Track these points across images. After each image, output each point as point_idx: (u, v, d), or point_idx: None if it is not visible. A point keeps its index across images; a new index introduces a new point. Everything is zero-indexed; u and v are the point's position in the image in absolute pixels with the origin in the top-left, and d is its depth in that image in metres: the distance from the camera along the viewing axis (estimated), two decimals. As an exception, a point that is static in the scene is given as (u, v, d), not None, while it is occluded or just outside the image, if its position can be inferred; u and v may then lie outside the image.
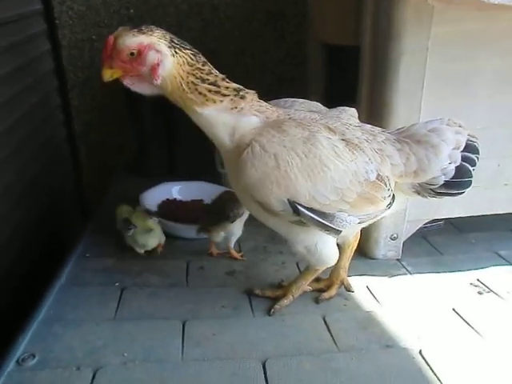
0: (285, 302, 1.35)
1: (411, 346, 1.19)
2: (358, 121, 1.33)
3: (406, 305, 1.40)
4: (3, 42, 1.85)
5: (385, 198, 1.19)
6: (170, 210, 1.85)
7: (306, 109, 1.31)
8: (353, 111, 1.38)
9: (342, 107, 1.38)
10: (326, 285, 1.45)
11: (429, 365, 1.12)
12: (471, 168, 1.23)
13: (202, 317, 1.30)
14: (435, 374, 1.09)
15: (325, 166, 1.10)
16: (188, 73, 1.09)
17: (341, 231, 1.18)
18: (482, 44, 1.50)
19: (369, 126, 1.28)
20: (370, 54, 1.56)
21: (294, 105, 1.33)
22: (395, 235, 1.67)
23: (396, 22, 1.43)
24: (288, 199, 1.10)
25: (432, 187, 1.23)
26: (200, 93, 1.10)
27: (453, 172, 1.21)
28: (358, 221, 1.20)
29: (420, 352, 1.17)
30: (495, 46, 1.51)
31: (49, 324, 1.24)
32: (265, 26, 2.76)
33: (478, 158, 1.25)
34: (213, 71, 1.14)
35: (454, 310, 1.37)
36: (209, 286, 1.46)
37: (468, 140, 1.24)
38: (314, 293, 1.42)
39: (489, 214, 1.74)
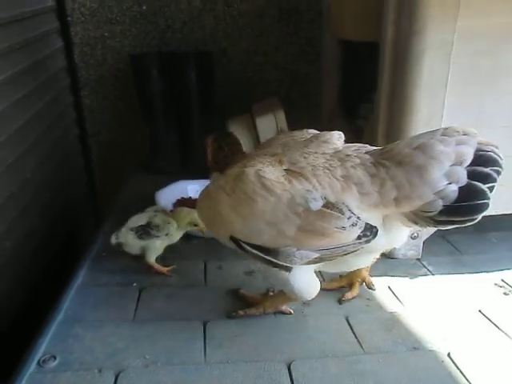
0: (253, 311, 1.28)
1: (439, 349, 1.16)
2: (340, 145, 1.20)
3: (429, 306, 1.37)
4: (16, 39, 1.84)
5: (344, 228, 1.02)
6: (186, 209, 1.83)
7: (291, 140, 1.23)
8: (337, 135, 1.24)
9: (326, 132, 1.25)
10: (347, 283, 1.41)
11: (459, 368, 1.09)
12: (485, 186, 0.99)
13: (223, 317, 1.28)
14: (466, 378, 1.06)
15: (251, 199, 1.05)
16: None
17: (291, 267, 1.09)
18: (508, 39, 1.46)
19: (350, 149, 1.14)
20: (392, 49, 1.53)
21: (278, 139, 1.28)
22: (415, 234, 1.63)
23: (420, 16, 1.40)
24: (230, 236, 1.11)
25: (429, 215, 1.01)
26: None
27: (455, 194, 0.98)
28: (316, 255, 1.07)
29: (449, 355, 1.14)
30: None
31: (68, 325, 1.22)
32: (277, 23, 2.73)
33: (498, 171, 1.02)
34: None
35: (480, 311, 1.34)
36: (228, 286, 1.43)
37: (479, 150, 1.00)
38: (337, 293, 1.39)
39: (512, 213, 1.70)
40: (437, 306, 1.37)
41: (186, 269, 1.54)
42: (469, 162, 0.99)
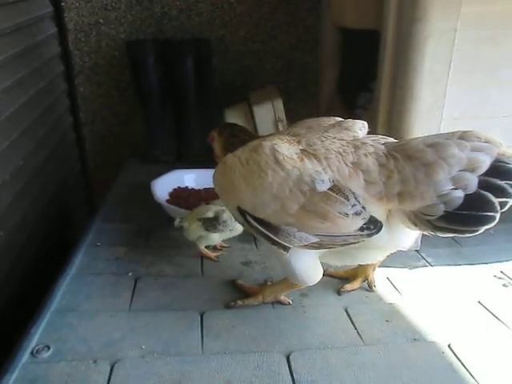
0: (251, 301, 1.27)
1: (439, 340, 1.15)
2: (361, 134, 1.16)
3: (429, 297, 1.36)
4: (8, 23, 1.79)
5: (346, 215, 1.00)
6: (183, 198, 1.80)
7: (316, 124, 1.23)
8: (361, 124, 1.19)
9: (350, 120, 1.22)
10: (351, 275, 1.40)
11: (459, 359, 1.08)
12: (496, 199, 0.92)
13: (221, 308, 1.26)
14: (467, 369, 1.05)
15: (262, 171, 1.05)
16: None
17: (289, 247, 1.08)
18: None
19: (368, 139, 1.11)
20: (394, 37, 1.50)
21: (305, 122, 1.27)
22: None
23: (423, 3, 1.37)
24: (238, 207, 1.11)
25: (428, 218, 0.98)
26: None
27: (459, 201, 0.93)
28: (315, 240, 1.05)
29: (449, 346, 1.13)
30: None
31: (62, 314, 1.20)
32: (275, 11, 2.69)
33: None
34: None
35: (479, 302, 1.33)
36: (225, 276, 1.41)
37: (498, 161, 0.93)
38: (336, 284, 1.38)
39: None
40: (436, 297, 1.36)
41: (183, 258, 1.52)
42: (483, 170, 0.93)
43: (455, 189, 0.94)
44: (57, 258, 1.52)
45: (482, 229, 0.95)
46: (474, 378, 1.02)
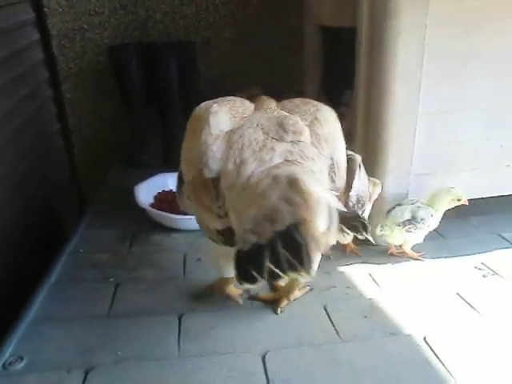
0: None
1: (415, 333, 1.15)
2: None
3: (409, 291, 1.37)
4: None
5: (211, 210, 0.97)
6: (167, 202, 1.81)
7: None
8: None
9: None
10: (275, 298, 1.31)
11: (434, 351, 1.08)
12: (268, 264, 0.80)
13: (199, 310, 1.26)
14: (441, 361, 1.05)
15: (189, 129, 1.08)
16: None
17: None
18: (483, 22, 1.43)
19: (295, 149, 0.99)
20: (368, 33, 1.50)
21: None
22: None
23: (393, 0, 1.37)
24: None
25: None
26: None
27: (247, 246, 0.82)
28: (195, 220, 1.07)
29: (424, 339, 1.13)
30: (495, 24, 1.44)
31: (38, 324, 1.19)
32: (260, 12, 2.69)
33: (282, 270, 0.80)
34: None
35: (458, 294, 1.33)
36: (207, 278, 1.41)
37: (294, 225, 0.80)
38: (315, 283, 1.38)
39: (491, 196, 1.69)
40: (416, 290, 1.37)
41: (166, 262, 1.53)
42: (280, 228, 0.80)
43: (252, 233, 0.82)
44: (45, 265, 1.52)
45: (244, 284, 0.83)
46: (447, 370, 1.03)
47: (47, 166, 2.38)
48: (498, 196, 1.72)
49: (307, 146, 0.99)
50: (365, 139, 1.62)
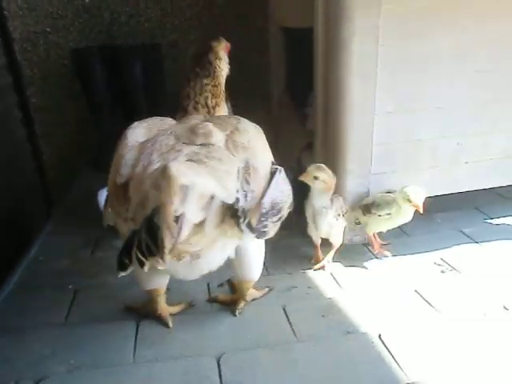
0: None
1: (371, 331, 1.17)
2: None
3: (369, 289, 1.38)
4: None
5: (122, 217, 1.00)
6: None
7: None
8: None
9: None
10: (232, 299, 1.33)
11: (387, 348, 1.10)
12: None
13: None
14: (393, 357, 1.07)
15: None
16: None
17: None
18: (435, 22, 1.46)
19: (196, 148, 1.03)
20: (324, 35, 1.52)
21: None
22: (359, 220, 1.64)
23: (346, 1, 1.39)
24: None
25: None
26: None
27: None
28: None
29: (379, 336, 1.15)
30: (450, 23, 1.48)
31: (-12, 336, 1.17)
32: (225, 14, 2.69)
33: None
34: None
35: (416, 291, 1.35)
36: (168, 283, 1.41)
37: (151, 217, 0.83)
38: (276, 284, 1.39)
39: (452, 193, 1.72)
40: (376, 289, 1.39)
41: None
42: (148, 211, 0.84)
43: (132, 221, 0.94)
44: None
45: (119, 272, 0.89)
46: (400, 366, 1.04)
47: (14, 172, 2.33)
48: (460, 193, 1.75)
49: (216, 149, 1.03)
50: (325, 139, 1.64)
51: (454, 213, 1.89)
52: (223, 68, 1.58)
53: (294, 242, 1.66)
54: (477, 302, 1.28)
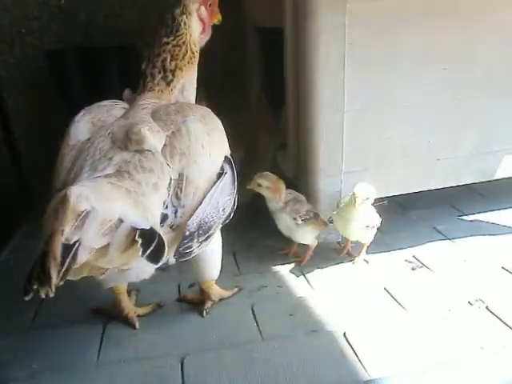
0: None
1: (336, 329, 1.17)
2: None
3: (339, 288, 1.39)
4: None
5: None
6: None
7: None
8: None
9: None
10: (199, 298, 1.32)
11: (351, 346, 1.10)
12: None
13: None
14: (356, 355, 1.07)
15: None
16: None
17: None
18: (402, 20, 1.47)
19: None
20: (292, 34, 1.53)
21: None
22: (332, 218, 1.64)
23: (312, 1, 1.39)
24: None
25: None
26: None
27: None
28: None
29: (344, 334, 1.15)
30: (413, 22, 1.48)
31: None
32: (203, 13, 2.68)
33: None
34: None
35: (385, 289, 1.36)
36: (137, 283, 1.40)
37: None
38: (244, 283, 1.39)
39: (424, 190, 1.74)
40: (346, 288, 1.39)
41: (100, 269, 1.50)
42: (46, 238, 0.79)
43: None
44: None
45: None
46: (362, 364, 1.05)
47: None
48: (434, 189, 1.76)
49: (150, 157, 0.98)
50: (296, 138, 1.64)
51: (429, 210, 1.91)
52: (191, 25, 1.29)
53: (269, 242, 1.67)
54: (444, 298, 1.29)
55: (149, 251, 0.82)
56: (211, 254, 1.20)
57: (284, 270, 1.50)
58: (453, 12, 1.50)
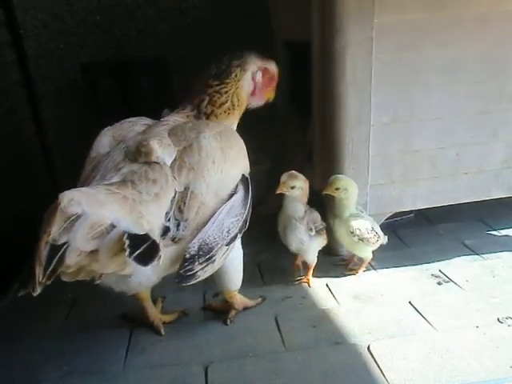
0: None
1: (360, 342, 1.17)
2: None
3: (363, 301, 1.38)
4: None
5: None
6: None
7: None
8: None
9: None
10: (225, 307, 1.33)
11: (375, 360, 1.10)
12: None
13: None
14: (380, 369, 1.06)
15: None
16: None
17: None
18: (428, 34, 1.47)
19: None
20: (319, 47, 1.55)
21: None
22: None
23: (339, 14, 1.41)
24: None
25: None
26: None
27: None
28: None
29: (368, 347, 1.14)
30: (441, 35, 1.48)
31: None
32: (232, 27, 2.74)
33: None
34: None
35: (410, 302, 1.35)
36: (162, 291, 1.43)
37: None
38: (268, 293, 1.40)
39: (452, 204, 1.71)
40: (370, 300, 1.38)
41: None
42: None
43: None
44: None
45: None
46: (385, 377, 1.04)
47: (27, 185, 2.39)
48: (464, 203, 1.73)
49: (156, 169, 1.01)
50: (322, 150, 1.65)
51: (457, 224, 1.88)
52: (240, 80, 1.30)
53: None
54: (471, 314, 1.26)
55: (136, 253, 0.83)
56: (230, 265, 1.20)
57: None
58: (481, 24, 1.48)
